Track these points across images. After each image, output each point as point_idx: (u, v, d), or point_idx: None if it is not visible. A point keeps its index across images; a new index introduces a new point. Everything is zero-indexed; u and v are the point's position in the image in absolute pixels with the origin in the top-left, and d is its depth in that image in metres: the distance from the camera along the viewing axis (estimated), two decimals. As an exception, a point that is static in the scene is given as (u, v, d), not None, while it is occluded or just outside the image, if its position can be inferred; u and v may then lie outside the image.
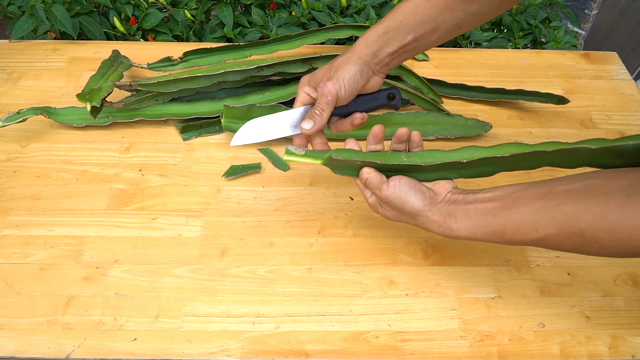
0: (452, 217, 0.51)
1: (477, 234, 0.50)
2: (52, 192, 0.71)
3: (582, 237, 0.43)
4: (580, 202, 0.43)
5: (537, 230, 0.46)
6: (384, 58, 0.59)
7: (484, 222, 0.49)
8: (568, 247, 0.45)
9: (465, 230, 0.50)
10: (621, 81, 0.91)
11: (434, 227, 0.53)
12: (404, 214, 0.54)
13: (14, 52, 0.90)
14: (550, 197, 0.46)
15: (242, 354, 0.57)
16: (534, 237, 0.46)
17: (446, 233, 0.52)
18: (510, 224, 0.47)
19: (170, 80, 0.76)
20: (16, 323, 0.59)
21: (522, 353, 0.58)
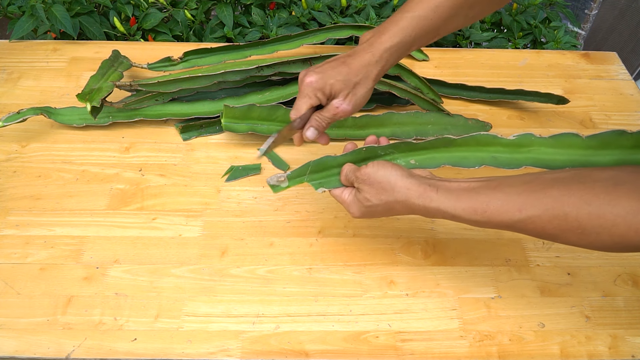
0: (434, 188, 0.50)
1: (457, 208, 0.48)
2: (52, 192, 0.71)
3: (565, 221, 0.42)
4: (567, 187, 0.43)
5: (521, 210, 0.45)
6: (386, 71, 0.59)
7: (466, 197, 0.48)
8: (549, 231, 0.44)
9: (446, 203, 0.49)
10: (621, 81, 0.91)
11: (413, 197, 0.50)
12: (382, 190, 0.52)
13: (14, 52, 0.90)
14: (537, 182, 0.45)
15: (242, 354, 0.57)
16: (516, 218, 0.45)
17: (425, 204, 0.49)
18: (494, 202, 0.46)
19: (170, 80, 0.76)
20: (16, 323, 0.59)
21: (522, 353, 0.58)
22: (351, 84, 0.56)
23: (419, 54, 0.93)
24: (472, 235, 0.68)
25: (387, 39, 0.57)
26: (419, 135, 0.78)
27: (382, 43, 0.56)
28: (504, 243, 0.68)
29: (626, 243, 0.40)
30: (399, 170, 0.52)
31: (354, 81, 0.56)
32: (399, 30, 0.57)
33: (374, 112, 0.83)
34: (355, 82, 0.56)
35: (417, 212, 0.51)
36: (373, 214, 0.54)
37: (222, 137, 0.79)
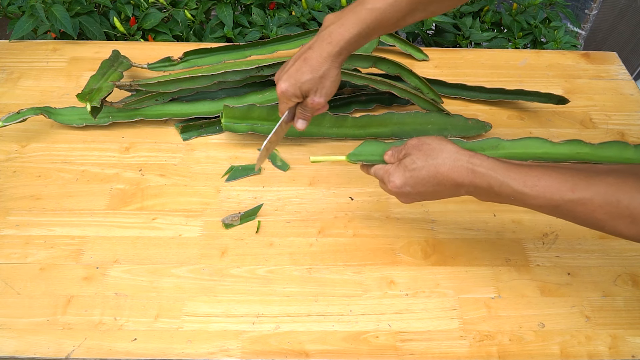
0: (484, 155, 0.50)
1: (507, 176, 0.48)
2: (52, 192, 0.71)
3: (616, 207, 0.43)
4: (622, 177, 0.44)
5: (574, 190, 0.45)
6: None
7: (516, 169, 0.48)
8: (597, 216, 0.44)
9: (496, 169, 0.49)
10: (621, 81, 0.91)
11: (462, 159, 0.50)
12: (431, 151, 0.52)
13: (14, 52, 0.90)
14: (593, 170, 0.46)
15: (242, 354, 0.57)
16: (567, 198, 0.45)
17: (474, 167, 0.49)
18: (546, 178, 0.46)
19: (170, 80, 0.76)
20: (16, 323, 0.59)
21: (522, 353, 0.58)
22: (317, 79, 0.59)
23: (418, 54, 0.93)
24: (472, 235, 0.68)
25: (346, 30, 0.58)
26: (419, 135, 0.78)
27: (342, 34, 0.58)
28: (504, 243, 0.68)
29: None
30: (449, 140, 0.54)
31: (318, 75, 0.59)
32: (358, 22, 0.58)
33: (374, 112, 0.83)
34: (320, 76, 0.59)
35: (463, 177, 0.50)
36: (416, 182, 0.53)
37: (222, 137, 0.79)
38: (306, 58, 0.59)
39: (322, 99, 0.61)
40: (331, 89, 0.61)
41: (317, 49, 0.59)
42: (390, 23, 0.59)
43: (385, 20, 0.58)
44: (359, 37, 0.59)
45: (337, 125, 0.78)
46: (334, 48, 0.58)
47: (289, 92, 0.60)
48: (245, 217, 0.69)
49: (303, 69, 0.59)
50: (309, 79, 0.59)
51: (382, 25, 0.59)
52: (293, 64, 0.60)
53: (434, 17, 1.00)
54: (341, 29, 0.58)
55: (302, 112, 0.63)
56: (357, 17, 0.58)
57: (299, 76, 0.59)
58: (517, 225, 0.70)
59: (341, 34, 0.58)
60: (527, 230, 0.69)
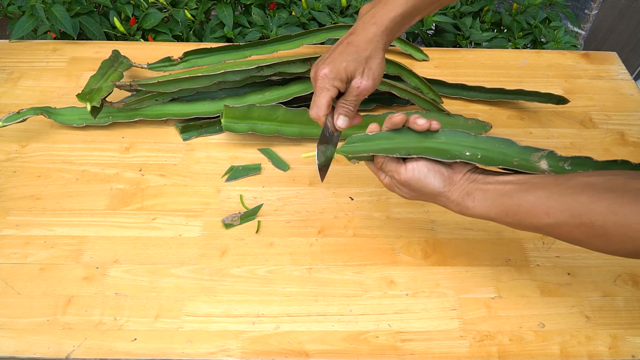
0: (470, 196, 0.51)
1: (490, 212, 0.50)
2: (52, 192, 0.71)
3: (591, 228, 0.43)
4: (596, 195, 0.43)
5: (549, 215, 0.46)
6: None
7: (499, 202, 0.50)
8: (575, 237, 0.45)
9: (481, 209, 0.51)
10: (621, 81, 0.91)
11: (451, 206, 0.53)
12: (422, 194, 0.54)
13: (14, 52, 0.90)
14: (569, 185, 0.46)
15: (242, 354, 0.57)
16: (544, 222, 0.46)
17: (462, 211, 0.52)
18: (525, 205, 0.48)
19: (170, 80, 0.76)
20: (16, 323, 0.59)
21: (522, 353, 0.58)
22: (363, 59, 0.55)
23: (418, 54, 0.93)
24: (472, 236, 0.68)
25: (391, 9, 0.56)
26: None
27: (386, 13, 0.56)
28: (504, 243, 0.68)
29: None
30: (439, 182, 0.52)
31: (364, 56, 0.55)
32: (403, 1, 0.56)
33: (374, 112, 0.83)
34: (366, 57, 0.56)
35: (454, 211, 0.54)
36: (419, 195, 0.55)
37: (222, 137, 0.79)
38: (350, 42, 0.56)
39: (370, 82, 0.56)
40: (378, 72, 0.57)
41: (361, 31, 0.56)
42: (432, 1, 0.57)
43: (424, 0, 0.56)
44: (404, 17, 0.57)
45: (337, 125, 0.78)
46: (379, 28, 0.56)
47: (331, 74, 0.55)
48: (245, 217, 0.69)
49: (347, 49, 0.55)
50: (354, 58, 0.55)
51: (427, 2, 0.57)
52: (334, 49, 0.56)
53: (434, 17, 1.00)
54: (385, 8, 0.56)
55: (345, 105, 0.57)
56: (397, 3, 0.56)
57: (343, 57, 0.55)
58: (517, 225, 0.70)
59: (386, 13, 0.56)
60: (527, 230, 0.69)
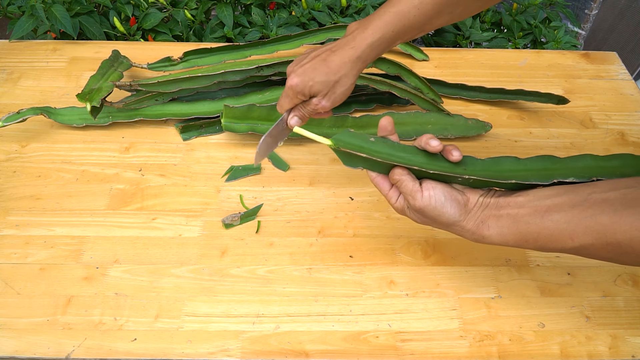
0: (485, 224, 0.49)
1: (508, 240, 0.49)
2: (52, 192, 0.71)
3: (619, 247, 0.42)
4: (617, 213, 0.42)
5: (573, 239, 0.45)
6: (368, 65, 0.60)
7: (515, 229, 0.48)
8: (605, 256, 0.44)
9: (498, 238, 0.49)
10: (621, 81, 0.91)
11: (467, 235, 0.51)
12: (436, 222, 0.51)
13: (14, 52, 0.90)
14: (586, 206, 0.45)
15: (242, 354, 0.57)
16: (569, 246, 0.45)
17: (478, 240, 0.50)
18: (544, 232, 0.46)
19: (170, 80, 0.76)
20: (16, 323, 0.59)
21: (522, 353, 0.58)
22: (330, 83, 0.57)
23: (418, 54, 0.93)
24: (472, 235, 0.68)
25: (370, 34, 0.57)
26: (419, 135, 0.78)
27: (365, 38, 0.57)
28: (504, 243, 0.68)
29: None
30: (456, 210, 0.50)
31: (333, 80, 0.57)
32: (383, 25, 0.57)
33: (374, 112, 0.84)
34: (334, 81, 0.57)
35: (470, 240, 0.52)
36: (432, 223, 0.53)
37: (222, 137, 0.79)
38: (325, 59, 0.57)
39: (328, 104, 0.59)
40: (340, 98, 0.59)
41: (339, 52, 0.57)
42: (415, 27, 0.57)
43: (409, 24, 0.57)
44: (382, 41, 0.57)
45: (337, 125, 0.78)
46: (355, 52, 0.57)
47: (297, 87, 0.57)
48: (245, 217, 0.69)
49: (320, 69, 0.57)
50: (323, 80, 0.57)
51: (407, 29, 0.57)
52: (310, 60, 0.58)
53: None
54: (364, 32, 0.57)
55: (301, 110, 0.61)
56: (380, 20, 0.57)
57: (313, 75, 0.57)
58: (517, 225, 0.70)
59: (364, 38, 0.57)
60: (527, 230, 0.69)
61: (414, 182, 0.50)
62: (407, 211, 0.53)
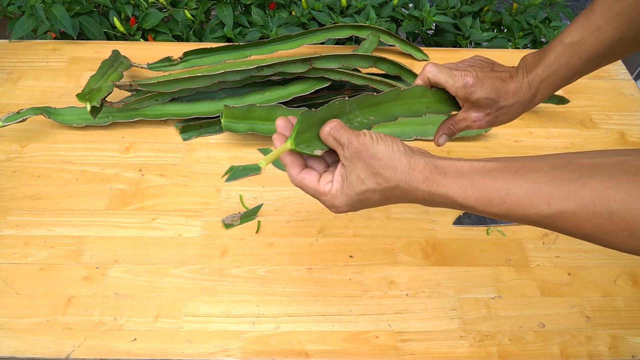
0: (441, 170, 0.41)
1: (468, 197, 0.40)
2: (52, 192, 0.71)
3: (608, 221, 0.35)
4: (612, 178, 0.35)
5: (550, 203, 0.37)
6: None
7: (479, 182, 0.40)
8: (586, 231, 0.36)
9: (456, 189, 0.40)
10: (621, 81, 0.91)
11: (417, 180, 0.41)
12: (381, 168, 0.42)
13: (14, 52, 0.90)
14: (572, 168, 0.37)
15: (242, 354, 0.57)
16: (544, 213, 0.37)
17: (431, 189, 0.41)
18: (515, 190, 0.38)
19: (170, 80, 0.76)
20: (16, 323, 0.59)
21: (522, 353, 0.58)
22: (497, 106, 0.52)
23: (418, 54, 0.93)
24: (472, 235, 0.68)
25: (543, 70, 0.52)
26: (419, 135, 0.78)
27: (539, 75, 0.52)
28: (504, 243, 0.68)
29: None
30: (401, 146, 0.43)
31: (502, 105, 0.52)
32: (555, 59, 0.51)
33: (374, 112, 0.83)
34: (503, 106, 0.52)
35: (419, 199, 0.42)
36: (365, 204, 0.44)
37: (222, 137, 0.79)
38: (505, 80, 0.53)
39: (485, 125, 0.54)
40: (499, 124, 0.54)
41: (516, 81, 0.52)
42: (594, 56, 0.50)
43: (587, 54, 0.50)
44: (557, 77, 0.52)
45: (337, 125, 0.78)
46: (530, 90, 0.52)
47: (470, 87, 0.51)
48: (245, 217, 0.69)
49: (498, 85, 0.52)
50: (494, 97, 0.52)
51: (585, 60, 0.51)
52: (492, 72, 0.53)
53: (435, 17, 1.00)
54: (539, 67, 0.52)
55: (451, 127, 0.55)
56: (554, 54, 0.51)
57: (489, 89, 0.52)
58: (517, 225, 0.70)
59: (538, 75, 0.52)
60: (527, 230, 0.69)
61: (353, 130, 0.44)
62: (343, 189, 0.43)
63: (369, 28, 0.89)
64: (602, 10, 0.48)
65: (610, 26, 0.48)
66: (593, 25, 0.49)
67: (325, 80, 0.80)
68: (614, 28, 0.48)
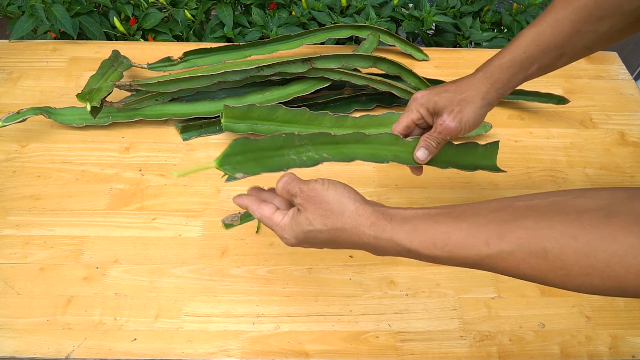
0: (387, 216, 0.43)
1: (412, 241, 0.41)
2: (52, 192, 0.71)
3: (544, 259, 0.35)
4: (545, 218, 0.36)
5: (489, 244, 0.38)
6: (506, 92, 0.55)
7: (423, 227, 0.41)
8: (524, 271, 0.37)
9: (400, 234, 0.42)
10: (621, 81, 0.91)
11: (364, 225, 0.43)
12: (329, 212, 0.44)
13: (14, 52, 0.90)
14: (509, 211, 0.39)
15: (242, 354, 0.57)
16: (483, 253, 0.38)
17: (377, 234, 0.43)
18: (456, 233, 0.39)
19: (170, 80, 0.76)
20: (16, 323, 0.59)
21: (522, 353, 0.58)
22: (456, 100, 0.54)
23: (418, 54, 0.93)
24: (472, 235, 0.68)
25: (500, 56, 0.54)
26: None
27: (494, 60, 0.54)
28: (504, 243, 0.68)
29: (622, 287, 0.34)
30: (352, 193, 0.45)
31: (459, 98, 0.54)
32: (514, 47, 0.53)
33: (374, 112, 0.83)
34: (460, 99, 0.54)
35: (366, 244, 0.44)
36: (312, 242, 0.46)
37: (222, 137, 0.79)
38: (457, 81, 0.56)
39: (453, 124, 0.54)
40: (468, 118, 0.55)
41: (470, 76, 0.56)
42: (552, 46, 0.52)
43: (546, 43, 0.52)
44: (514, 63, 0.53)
45: (337, 125, 0.78)
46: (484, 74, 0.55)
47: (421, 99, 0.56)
48: (245, 217, 0.68)
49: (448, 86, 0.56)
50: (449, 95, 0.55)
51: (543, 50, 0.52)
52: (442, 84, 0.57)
53: (434, 17, 1.00)
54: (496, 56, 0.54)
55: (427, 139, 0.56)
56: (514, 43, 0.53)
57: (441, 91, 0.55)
58: (517, 225, 0.70)
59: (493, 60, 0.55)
60: (527, 230, 0.69)
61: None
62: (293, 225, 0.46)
63: (369, 28, 0.89)
64: (562, 3, 0.51)
65: (569, 19, 0.50)
66: (553, 17, 0.51)
67: (325, 80, 0.80)
68: (572, 21, 0.50)
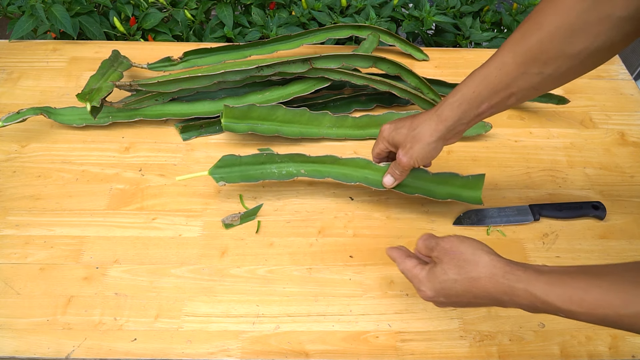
0: (521, 267, 0.45)
1: (549, 293, 0.42)
2: (52, 192, 0.71)
3: None
4: None
5: (627, 305, 0.39)
6: (460, 128, 0.57)
7: (559, 281, 0.42)
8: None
9: (536, 285, 0.43)
10: (621, 81, 0.91)
11: (498, 274, 0.45)
12: (464, 262, 0.47)
13: (14, 52, 0.90)
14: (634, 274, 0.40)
15: (242, 354, 0.57)
16: (623, 312, 0.39)
17: (512, 283, 0.44)
18: (594, 290, 0.40)
19: (170, 80, 0.76)
20: (16, 323, 0.59)
21: (522, 353, 0.58)
22: (410, 136, 0.58)
23: (419, 54, 0.93)
24: (472, 235, 0.67)
25: (452, 94, 0.56)
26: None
27: (447, 97, 0.57)
28: (504, 243, 0.68)
29: None
30: (486, 247, 0.49)
31: (412, 134, 0.58)
32: (464, 86, 0.56)
33: (374, 112, 0.83)
34: (412, 136, 0.58)
35: (501, 294, 0.45)
36: (448, 293, 0.49)
37: (222, 137, 0.79)
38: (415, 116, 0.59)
39: (405, 159, 0.59)
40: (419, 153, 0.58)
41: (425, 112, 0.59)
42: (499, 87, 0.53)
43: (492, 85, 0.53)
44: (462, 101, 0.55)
45: (337, 125, 0.78)
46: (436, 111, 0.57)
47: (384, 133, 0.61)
48: (245, 217, 0.69)
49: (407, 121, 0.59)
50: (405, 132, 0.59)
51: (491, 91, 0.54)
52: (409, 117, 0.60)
53: (434, 17, 1.00)
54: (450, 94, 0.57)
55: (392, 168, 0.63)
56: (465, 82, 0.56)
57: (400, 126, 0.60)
58: (517, 225, 0.70)
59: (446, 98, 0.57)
60: (527, 231, 0.69)
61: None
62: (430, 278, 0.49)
63: (369, 28, 0.89)
64: (508, 46, 0.53)
65: (514, 62, 0.52)
66: (500, 60, 0.53)
67: (325, 80, 0.80)
68: (517, 63, 0.52)
